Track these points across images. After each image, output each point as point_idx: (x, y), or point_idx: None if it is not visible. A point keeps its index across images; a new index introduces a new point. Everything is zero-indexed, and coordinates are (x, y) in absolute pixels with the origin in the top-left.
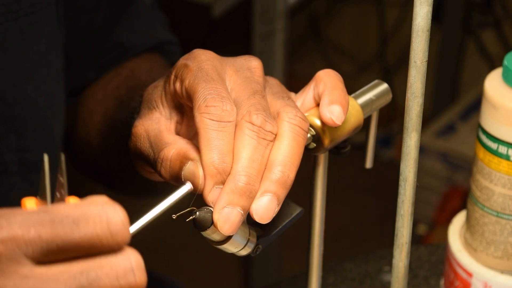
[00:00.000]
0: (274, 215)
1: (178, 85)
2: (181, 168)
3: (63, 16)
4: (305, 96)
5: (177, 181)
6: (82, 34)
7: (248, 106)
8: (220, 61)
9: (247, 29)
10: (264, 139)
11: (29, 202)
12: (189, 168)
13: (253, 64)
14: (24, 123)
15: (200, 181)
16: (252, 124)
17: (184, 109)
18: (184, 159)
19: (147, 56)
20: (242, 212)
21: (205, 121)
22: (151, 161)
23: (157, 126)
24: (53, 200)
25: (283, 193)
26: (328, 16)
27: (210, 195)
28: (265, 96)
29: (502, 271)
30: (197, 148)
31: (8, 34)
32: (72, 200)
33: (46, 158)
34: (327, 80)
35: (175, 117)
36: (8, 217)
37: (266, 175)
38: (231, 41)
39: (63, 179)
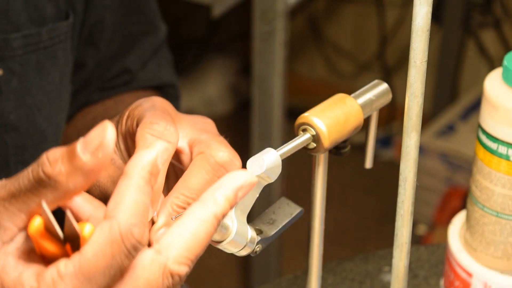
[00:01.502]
0: None
1: (129, 121)
2: None
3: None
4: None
5: None
6: (99, 63)
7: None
8: (174, 109)
9: (247, 29)
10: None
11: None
12: None
13: (207, 120)
14: (34, 154)
15: None
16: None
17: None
18: None
19: (143, 92)
20: None
21: (145, 136)
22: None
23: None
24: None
25: None
26: (328, 16)
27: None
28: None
29: (502, 271)
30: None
31: (26, 66)
32: (87, 226)
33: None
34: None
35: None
36: None
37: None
38: (231, 41)
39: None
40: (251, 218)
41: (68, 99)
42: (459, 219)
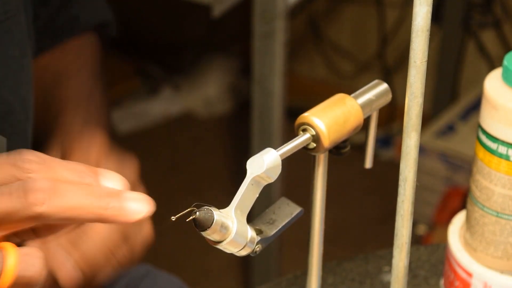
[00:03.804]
0: None
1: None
2: None
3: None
4: None
5: None
6: (45, 4)
7: None
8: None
9: (247, 29)
10: None
11: None
12: None
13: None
14: (1, 126)
15: None
16: None
17: None
18: None
19: (81, 42)
20: None
21: None
22: None
23: None
24: None
25: None
26: (328, 16)
27: None
28: None
29: (502, 271)
30: None
31: None
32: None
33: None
34: None
35: None
36: None
37: None
38: (231, 41)
39: None
40: (251, 218)
41: (31, 73)
42: (459, 219)
